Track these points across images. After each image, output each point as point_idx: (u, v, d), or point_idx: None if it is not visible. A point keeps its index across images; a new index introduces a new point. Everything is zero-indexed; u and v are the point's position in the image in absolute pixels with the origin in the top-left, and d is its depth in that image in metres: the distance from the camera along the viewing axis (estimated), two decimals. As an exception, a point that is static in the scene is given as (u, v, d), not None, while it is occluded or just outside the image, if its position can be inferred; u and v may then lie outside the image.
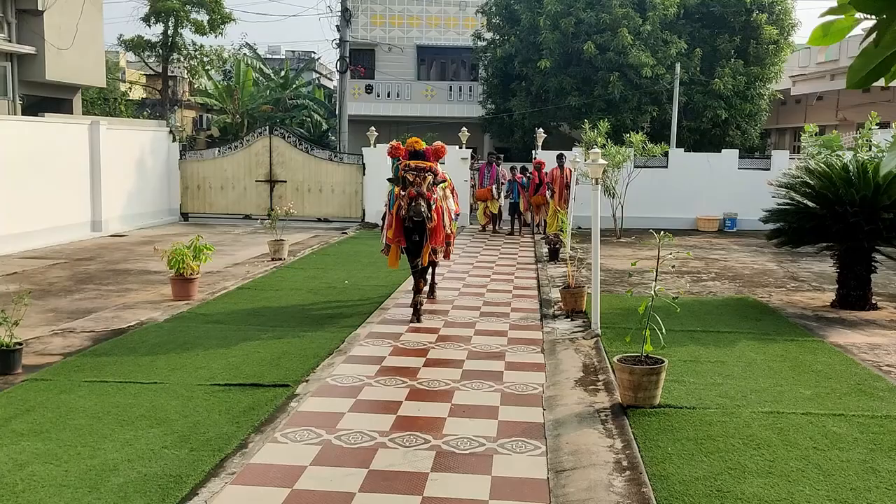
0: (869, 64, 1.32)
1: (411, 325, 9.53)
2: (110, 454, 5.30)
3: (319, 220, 21.86)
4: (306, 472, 5.16)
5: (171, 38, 30.79)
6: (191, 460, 5.23)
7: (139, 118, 30.13)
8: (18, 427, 5.79)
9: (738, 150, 23.26)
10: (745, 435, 5.70)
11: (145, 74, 38.92)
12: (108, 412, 6.15)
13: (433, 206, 9.67)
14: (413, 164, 9.59)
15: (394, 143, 10.15)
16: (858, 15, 1.36)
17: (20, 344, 7.30)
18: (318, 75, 44.85)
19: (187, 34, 31.58)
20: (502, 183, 20.45)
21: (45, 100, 20.22)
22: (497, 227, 20.89)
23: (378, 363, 7.75)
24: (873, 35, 1.27)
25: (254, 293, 11.39)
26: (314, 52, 49.01)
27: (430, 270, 10.94)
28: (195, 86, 38.21)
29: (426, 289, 10.68)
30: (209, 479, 5.00)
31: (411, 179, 9.41)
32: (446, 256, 11.04)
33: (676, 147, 24.03)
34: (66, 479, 4.90)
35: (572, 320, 9.95)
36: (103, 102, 31.74)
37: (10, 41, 18.69)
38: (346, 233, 19.80)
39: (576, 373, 7.56)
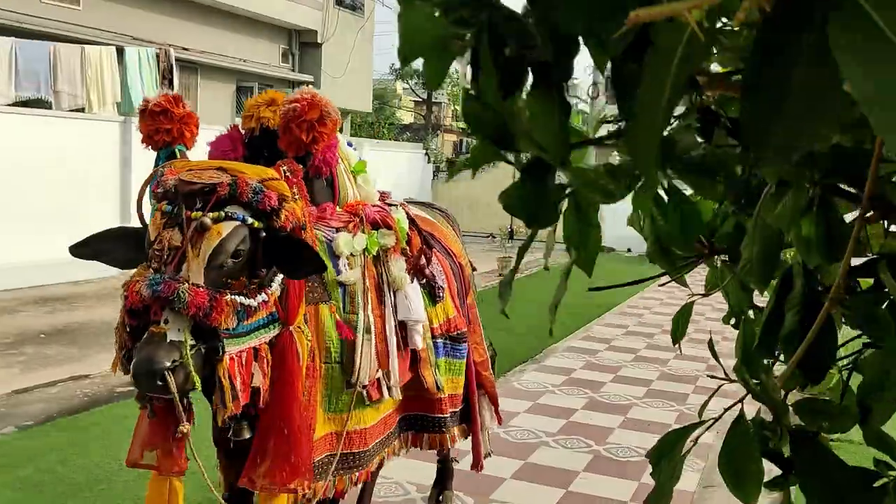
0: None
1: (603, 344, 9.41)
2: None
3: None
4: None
5: (436, 67, 32.97)
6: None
7: (399, 140, 32.58)
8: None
9: None
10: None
11: (414, 101, 41.90)
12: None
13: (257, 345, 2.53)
14: (188, 171, 2.41)
15: (153, 99, 2.89)
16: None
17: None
18: (578, 100, 45.57)
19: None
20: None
21: (319, 123, 22.76)
22: None
23: (567, 374, 8.11)
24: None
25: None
26: (576, 78, 49.67)
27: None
28: (456, 112, 40.53)
29: None
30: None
31: (158, 250, 2.33)
32: (475, 466, 4.30)
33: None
34: None
35: (784, 353, 9.64)
36: (368, 126, 34.69)
37: (293, 70, 21.36)
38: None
39: (765, 402, 7.45)
